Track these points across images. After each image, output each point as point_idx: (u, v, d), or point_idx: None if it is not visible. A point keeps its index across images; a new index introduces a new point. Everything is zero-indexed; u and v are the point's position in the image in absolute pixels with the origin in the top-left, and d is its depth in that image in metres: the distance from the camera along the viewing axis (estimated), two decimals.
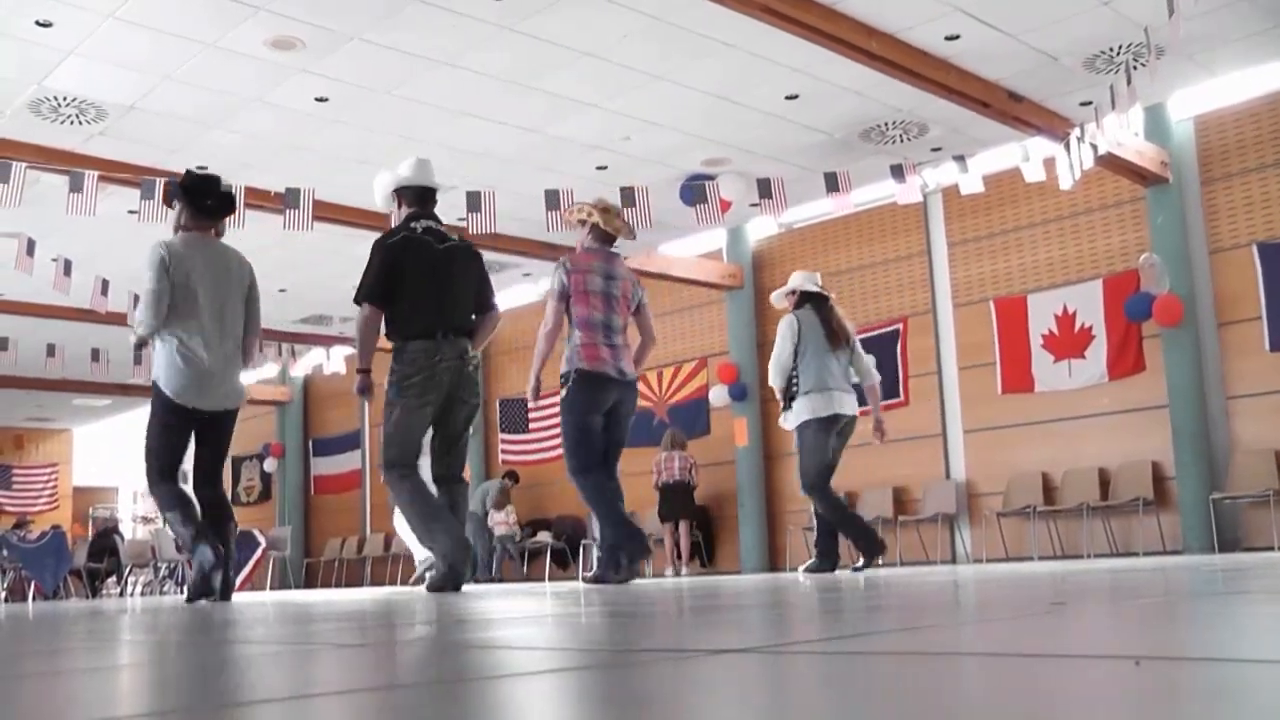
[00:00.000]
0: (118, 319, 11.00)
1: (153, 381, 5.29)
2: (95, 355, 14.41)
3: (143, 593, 15.63)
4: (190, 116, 8.74)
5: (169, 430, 5.28)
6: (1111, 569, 5.22)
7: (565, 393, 5.84)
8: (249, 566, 14.58)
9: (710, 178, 10.14)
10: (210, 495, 5.41)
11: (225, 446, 5.53)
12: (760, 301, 12.23)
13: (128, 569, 15.68)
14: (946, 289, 11.54)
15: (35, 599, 13.09)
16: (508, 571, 14.30)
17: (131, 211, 8.71)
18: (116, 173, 8.72)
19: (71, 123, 8.68)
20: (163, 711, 1.12)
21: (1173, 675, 1.05)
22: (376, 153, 9.46)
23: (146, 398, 5.53)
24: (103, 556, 15.68)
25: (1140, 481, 9.90)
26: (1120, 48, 8.30)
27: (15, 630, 3.50)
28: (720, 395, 12.72)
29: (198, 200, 5.40)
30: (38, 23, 7.21)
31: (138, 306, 5.45)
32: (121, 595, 15.14)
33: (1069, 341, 10.57)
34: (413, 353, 5.24)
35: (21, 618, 4.78)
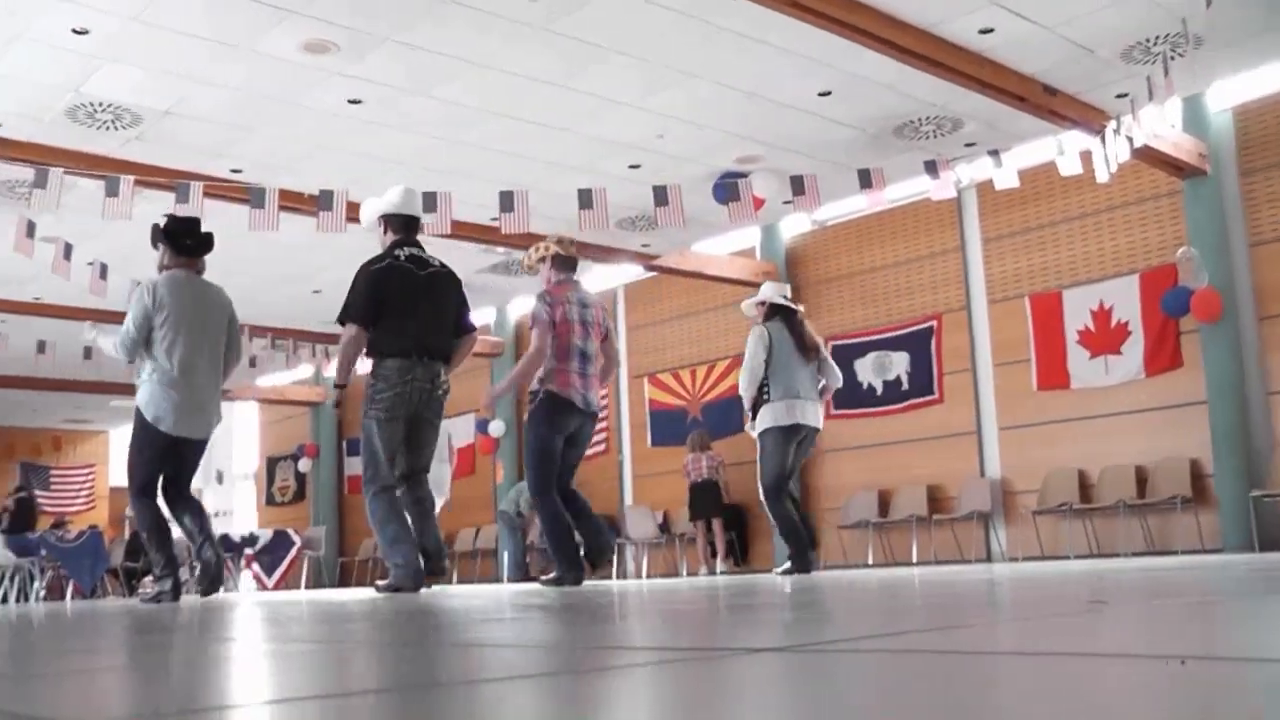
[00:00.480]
0: None
1: (136, 408, 5.74)
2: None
3: None
4: (224, 120, 8.80)
5: (149, 452, 5.72)
6: (1149, 567, 5.16)
7: (532, 409, 6.22)
8: (283, 565, 14.72)
9: (743, 175, 10.10)
10: (175, 494, 5.86)
11: (197, 464, 6.00)
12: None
13: None
14: (981, 285, 11.45)
15: (74, 598, 13.24)
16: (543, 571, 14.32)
17: (167, 215, 8.76)
18: (152, 177, 8.80)
19: (108, 128, 8.76)
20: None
21: (1221, 674, 1.03)
22: (410, 154, 9.50)
23: None
24: (138, 556, 15.82)
25: (1178, 479, 9.77)
26: (1157, 38, 8.19)
27: (55, 628, 3.53)
28: None
29: (179, 241, 5.91)
30: (74, 30, 7.28)
31: (114, 342, 5.87)
32: None
33: (1105, 337, 10.45)
34: (387, 370, 5.59)
35: (60, 616, 4.84)
